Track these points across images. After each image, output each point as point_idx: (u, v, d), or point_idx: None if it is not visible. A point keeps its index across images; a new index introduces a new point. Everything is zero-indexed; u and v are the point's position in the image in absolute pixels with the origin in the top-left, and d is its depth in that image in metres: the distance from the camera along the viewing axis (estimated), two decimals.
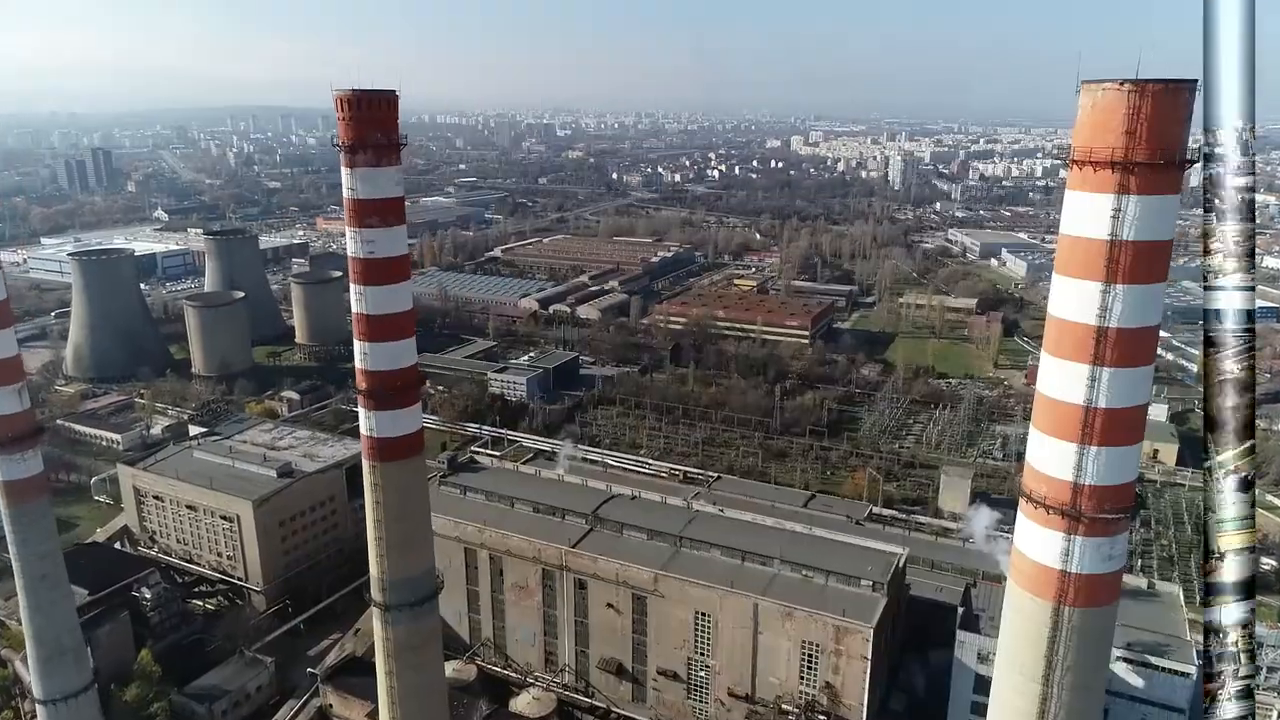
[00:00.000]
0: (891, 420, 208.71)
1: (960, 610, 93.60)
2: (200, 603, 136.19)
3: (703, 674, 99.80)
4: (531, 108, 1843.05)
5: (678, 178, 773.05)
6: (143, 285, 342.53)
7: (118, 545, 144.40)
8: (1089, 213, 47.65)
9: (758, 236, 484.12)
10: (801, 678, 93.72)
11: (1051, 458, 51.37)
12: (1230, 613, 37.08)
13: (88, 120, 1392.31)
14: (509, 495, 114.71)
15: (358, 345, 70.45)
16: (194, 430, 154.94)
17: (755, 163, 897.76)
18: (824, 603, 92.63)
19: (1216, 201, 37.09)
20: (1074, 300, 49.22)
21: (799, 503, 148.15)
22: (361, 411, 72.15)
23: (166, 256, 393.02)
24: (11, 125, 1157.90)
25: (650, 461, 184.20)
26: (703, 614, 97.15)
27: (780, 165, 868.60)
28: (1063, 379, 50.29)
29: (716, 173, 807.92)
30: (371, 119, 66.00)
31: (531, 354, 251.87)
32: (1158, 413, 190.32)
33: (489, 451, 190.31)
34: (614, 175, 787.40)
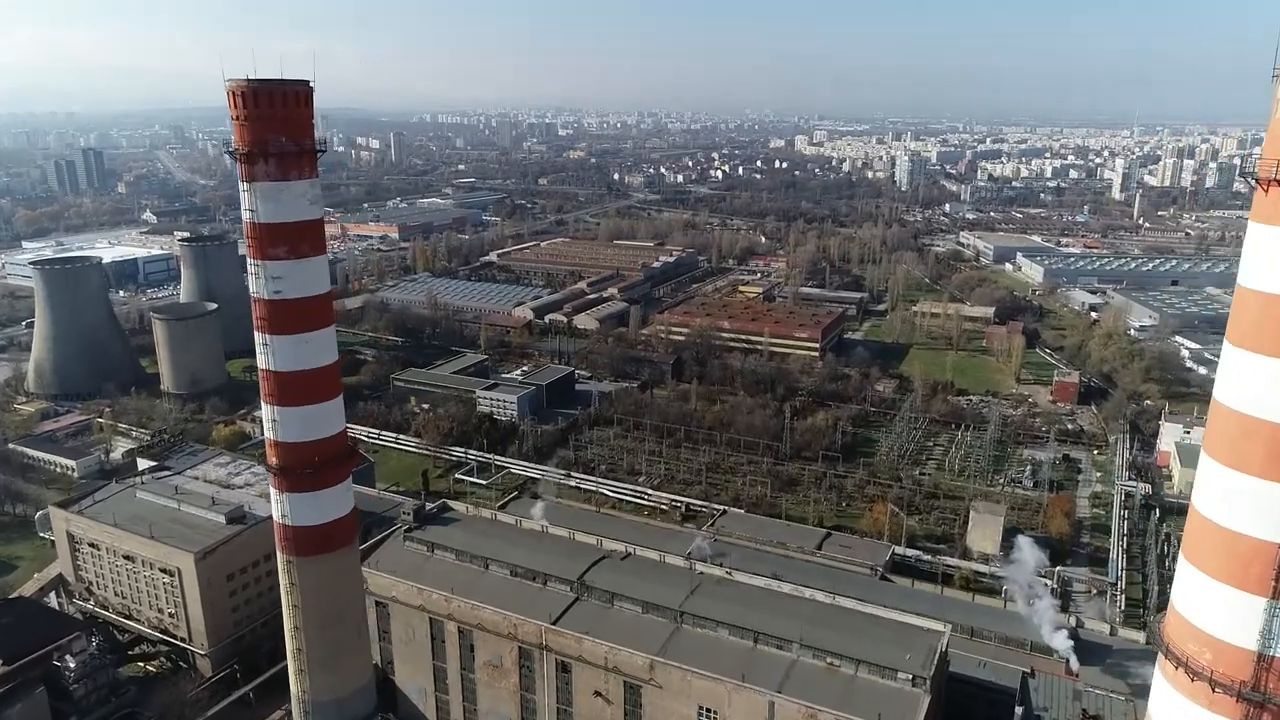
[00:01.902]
0: (910, 443, 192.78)
1: (1019, 710, 77.78)
2: (142, 664, 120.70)
3: None
4: (533, 107, 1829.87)
5: (680, 178, 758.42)
6: (122, 292, 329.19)
7: (52, 596, 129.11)
8: None
9: (763, 240, 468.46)
10: None
11: (1221, 613, 34.88)
12: None
13: (85, 120, 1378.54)
14: (483, 555, 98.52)
15: (265, 410, 54.56)
16: (141, 464, 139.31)
17: (759, 163, 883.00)
18: (853, 701, 76.75)
19: None
20: (1267, 386, 32.73)
21: (813, 543, 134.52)
22: (272, 493, 56.24)
23: (149, 261, 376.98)
24: (9, 125, 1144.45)
25: (649, 491, 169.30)
26: (708, 709, 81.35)
27: (785, 165, 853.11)
28: (1246, 501, 33.65)
29: (720, 173, 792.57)
30: (274, 118, 49.55)
31: (525, 368, 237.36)
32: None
33: (474, 479, 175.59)
34: (615, 176, 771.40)
